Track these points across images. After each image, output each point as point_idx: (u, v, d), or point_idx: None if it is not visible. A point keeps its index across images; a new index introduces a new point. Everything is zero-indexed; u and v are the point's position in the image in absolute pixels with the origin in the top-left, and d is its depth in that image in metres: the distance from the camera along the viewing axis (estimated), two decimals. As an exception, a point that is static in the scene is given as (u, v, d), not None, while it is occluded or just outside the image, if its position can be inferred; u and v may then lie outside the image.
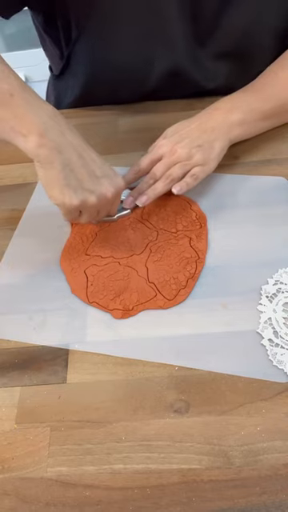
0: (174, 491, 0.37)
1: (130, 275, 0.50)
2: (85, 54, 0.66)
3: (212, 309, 0.47)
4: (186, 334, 0.45)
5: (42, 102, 0.45)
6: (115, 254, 0.52)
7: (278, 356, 0.42)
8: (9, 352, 0.46)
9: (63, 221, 0.54)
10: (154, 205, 0.56)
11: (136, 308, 0.47)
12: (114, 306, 0.47)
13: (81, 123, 0.68)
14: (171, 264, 0.50)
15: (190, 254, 0.51)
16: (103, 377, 0.43)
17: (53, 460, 0.39)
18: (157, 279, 0.49)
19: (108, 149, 0.63)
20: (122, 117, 0.68)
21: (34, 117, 0.42)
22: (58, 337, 0.46)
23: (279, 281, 0.48)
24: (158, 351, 0.44)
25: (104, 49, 0.63)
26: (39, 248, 0.54)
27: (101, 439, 0.40)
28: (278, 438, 0.39)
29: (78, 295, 0.49)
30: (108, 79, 0.67)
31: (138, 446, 0.39)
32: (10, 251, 0.54)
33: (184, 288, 0.48)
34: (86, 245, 0.53)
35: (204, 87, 0.67)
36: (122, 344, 0.45)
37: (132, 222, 0.55)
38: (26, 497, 0.38)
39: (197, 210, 0.55)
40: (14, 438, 0.41)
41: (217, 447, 0.39)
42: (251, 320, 0.45)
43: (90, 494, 0.37)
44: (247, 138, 0.59)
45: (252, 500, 0.36)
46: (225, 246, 0.51)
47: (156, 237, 0.53)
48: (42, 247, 0.54)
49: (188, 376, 0.43)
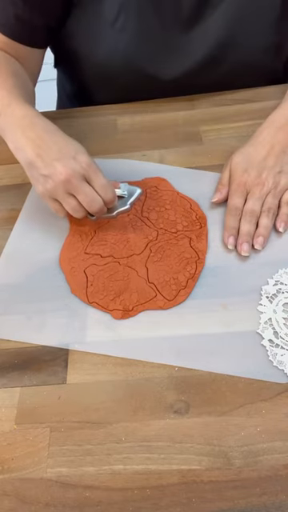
0: (173, 492, 0.37)
1: (130, 275, 0.49)
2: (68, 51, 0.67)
3: (212, 309, 0.46)
4: (186, 335, 0.45)
5: (15, 107, 0.51)
6: (115, 253, 0.52)
7: (278, 356, 0.42)
8: (8, 352, 0.46)
9: (61, 218, 0.55)
10: (154, 201, 0.56)
11: (136, 308, 0.47)
12: (113, 307, 0.47)
13: (81, 123, 0.68)
14: (171, 264, 0.50)
15: (190, 254, 0.50)
16: (103, 377, 0.43)
17: (52, 461, 0.39)
18: (157, 279, 0.49)
19: (108, 149, 0.63)
20: (121, 117, 0.68)
21: (4, 124, 0.51)
22: (58, 337, 0.46)
23: (279, 281, 0.48)
24: (158, 352, 0.44)
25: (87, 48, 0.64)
26: (38, 247, 0.54)
27: (101, 440, 0.40)
28: (278, 438, 0.39)
29: (78, 295, 0.49)
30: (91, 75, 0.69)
31: (138, 446, 0.39)
32: (7, 250, 0.54)
33: (184, 288, 0.48)
34: (85, 243, 0.53)
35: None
36: (121, 344, 0.45)
37: (132, 219, 0.55)
38: (25, 497, 0.38)
39: (197, 210, 0.55)
40: (14, 438, 0.41)
41: (217, 448, 0.39)
42: (251, 320, 0.45)
43: (90, 494, 0.37)
44: None
45: (252, 501, 0.36)
46: (225, 246, 0.51)
47: (156, 237, 0.53)
48: (41, 246, 0.54)
49: (188, 377, 0.43)
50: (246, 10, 0.59)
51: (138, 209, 0.56)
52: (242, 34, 0.61)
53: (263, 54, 0.63)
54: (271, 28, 0.61)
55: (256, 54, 0.63)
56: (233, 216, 0.52)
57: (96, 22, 0.61)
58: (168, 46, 0.62)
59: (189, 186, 0.57)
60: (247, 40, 0.61)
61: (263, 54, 0.63)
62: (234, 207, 0.52)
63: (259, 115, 0.64)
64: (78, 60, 0.67)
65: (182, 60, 0.63)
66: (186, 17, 0.60)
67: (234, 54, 0.63)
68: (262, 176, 0.53)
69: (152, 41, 0.62)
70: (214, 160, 0.60)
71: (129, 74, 0.65)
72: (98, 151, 0.64)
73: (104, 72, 0.66)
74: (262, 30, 0.61)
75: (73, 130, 0.67)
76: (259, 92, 0.68)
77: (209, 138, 0.63)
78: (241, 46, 0.62)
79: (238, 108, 0.66)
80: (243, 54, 0.63)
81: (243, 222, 0.51)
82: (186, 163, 0.60)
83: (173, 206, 0.55)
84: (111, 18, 0.60)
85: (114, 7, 0.59)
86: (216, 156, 0.60)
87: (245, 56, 0.63)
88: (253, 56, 0.63)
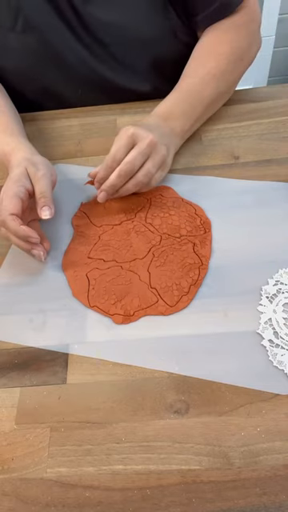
0: (173, 492, 0.37)
1: (132, 280, 0.49)
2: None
3: (212, 309, 0.46)
4: (186, 335, 0.45)
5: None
6: (118, 257, 0.51)
7: (278, 357, 0.42)
8: (9, 352, 0.46)
9: (66, 223, 0.56)
10: (158, 208, 0.56)
11: (137, 313, 0.47)
12: (114, 311, 0.47)
13: (81, 123, 0.68)
14: (174, 269, 0.49)
15: (193, 259, 0.50)
16: (103, 377, 0.43)
17: (52, 461, 0.39)
18: (159, 285, 0.49)
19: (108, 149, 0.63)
20: (121, 117, 0.68)
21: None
22: (58, 339, 0.46)
23: (279, 281, 0.47)
24: (158, 355, 0.44)
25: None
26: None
27: (101, 440, 0.40)
28: (277, 438, 0.39)
29: (79, 299, 0.49)
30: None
31: (138, 446, 0.39)
32: (12, 251, 0.54)
33: (186, 294, 0.48)
34: (88, 247, 0.53)
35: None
36: (121, 348, 0.45)
37: (136, 225, 0.54)
38: (25, 497, 0.38)
39: (202, 215, 0.54)
40: (14, 438, 0.41)
41: (217, 448, 0.39)
42: (251, 320, 0.45)
43: (90, 494, 0.37)
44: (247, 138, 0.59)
45: (252, 501, 0.36)
46: (225, 247, 0.51)
47: (159, 241, 0.52)
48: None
49: (188, 377, 0.43)
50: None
51: (142, 215, 0.55)
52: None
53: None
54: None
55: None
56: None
57: None
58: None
59: (193, 191, 0.57)
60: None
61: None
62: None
63: (259, 115, 0.64)
64: (2, 70, 0.68)
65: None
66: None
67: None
68: (152, 134, 0.52)
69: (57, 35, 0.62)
70: (214, 160, 0.60)
71: (49, 69, 0.66)
72: (97, 151, 0.64)
73: (26, 73, 0.67)
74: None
75: (73, 130, 0.67)
76: (259, 92, 0.68)
77: (209, 138, 0.63)
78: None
79: (238, 108, 0.66)
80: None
81: (115, 172, 0.52)
82: (186, 163, 0.60)
83: (177, 212, 0.55)
84: (9, 22, 0.61)
85: (11, 11, 0.60)
86: (216, 156, 0.60)
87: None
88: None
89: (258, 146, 0.61)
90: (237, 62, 0.62)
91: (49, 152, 0.64)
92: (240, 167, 0.59)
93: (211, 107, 0.62)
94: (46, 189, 0.50)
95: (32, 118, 0.69)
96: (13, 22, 0.61)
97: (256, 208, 0.54)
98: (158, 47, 0.65)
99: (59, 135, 0.67)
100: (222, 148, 0.61)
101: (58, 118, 0.69)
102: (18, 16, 0.61)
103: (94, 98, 0.69)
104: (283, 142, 0.61)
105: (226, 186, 0.57)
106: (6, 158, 0.55)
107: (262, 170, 0.58)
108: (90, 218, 0.56)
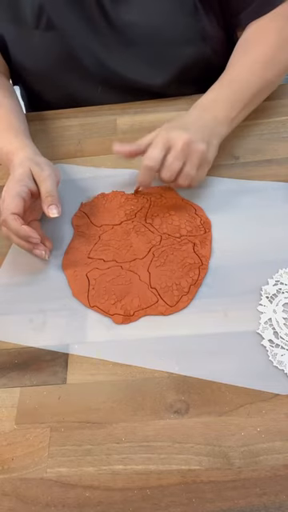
0: (173, 492, 0.37)
1: (132, 280, 0.49)
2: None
3: (212, 309, 0.46)
4: (186, 335, 0.45)
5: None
6: (118, 257, 0.51)
7: (278, 357, 0.42)
8: (9, 352, 0.46)
9: (66, 223, 0.56)
10: (158, 208, 0.56)
11: (137, 313, 0.47)
12: (114, 311, 0.47)
13: (81, 123, 0.68)
14: (174, 269, 0.49)
15: (194, 259, 0.50)
16: (103, 377, 0.43)
17: (52, 461, 0.39)
18: (159, 285, 0.49)
19: (108, 149, 0.63)
20: (121, 117, 0.68)
21: None
22: (58, 339, 0.46)
23: (279, 281, 0.47)
24: (158, 355, 0.44)
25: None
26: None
27: (101, 440, 0.40)
28: (277, 438, 0.39)
29: (79, 299, 0.49)
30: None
31: (138, 446, 0.39)
32: (12, 251, 0.54)
33: (186, 294, 0.48)
34: (88, 247, 0.53)
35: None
36: (121, 348, 0.45)
37: (136, 225, 0.54)
38: (25, 497, 0.38)
39: (202, 215, 0.54)
40: (14, 438, 0.41)
41: (217, 448, 0.39)
42: (251, 320, 0.45)
43: (90, 494, 0.37)
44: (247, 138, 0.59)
45: (252, 501, 0.36)
46: (225, 247, 0.51)
47: (159, 241, 0.52)
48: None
49: (188, 377, 0.43)
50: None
51: (142, 215, 0.55)
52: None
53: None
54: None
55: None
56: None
57: (19, 27, 0.63)
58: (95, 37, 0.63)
59: (193, 191, 0.57)
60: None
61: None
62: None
63: (259, 115, 0.64)
64: (23, 70, 0.68)
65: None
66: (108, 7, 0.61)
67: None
68: (190, 135, 0.51)
69: (79, 34, 0.63)
70: (214, 160, 0.60)
71: (66, 70, 0.66)
72: (98, 151, 0.64)
73: (45, 74, 0.68)
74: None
75: (73, 130, 0.67)
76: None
77: (209, 138, 0.63)
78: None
79: (238, 108, 0.66)
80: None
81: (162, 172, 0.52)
82: (186, 163, 0.60)
83: (177, 212, 0.55)
84: (33, 20, 0.62)
85: (34, 10, 0.61)
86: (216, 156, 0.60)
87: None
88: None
89: (258, 146, 0.61)
90: (286, 50, 0.59)
91: (49, 152, 0.64)
92: (240, 167, 0.59)
93: (258, 96, 0.59)
94: (52, 188, 0.51)
95: (32, 118, 0.69)
96: (36, 20, 0.61)
97: (256, 208, 0.54)
98: (185, 49, 0.64)
99: (59, 135, 0.67)
100: (222, 148, 0.61)
101: (58, 118, 0.69)
102: (41, 15, 0.61)
103: (114, 97, 0.69)
104: (283, 142, 0.61)
105: (226, 185, 0.57)
106: (8, 158, 0.55)
107: (262, 169, 0.58)
108: (90, 217, 0.56)
